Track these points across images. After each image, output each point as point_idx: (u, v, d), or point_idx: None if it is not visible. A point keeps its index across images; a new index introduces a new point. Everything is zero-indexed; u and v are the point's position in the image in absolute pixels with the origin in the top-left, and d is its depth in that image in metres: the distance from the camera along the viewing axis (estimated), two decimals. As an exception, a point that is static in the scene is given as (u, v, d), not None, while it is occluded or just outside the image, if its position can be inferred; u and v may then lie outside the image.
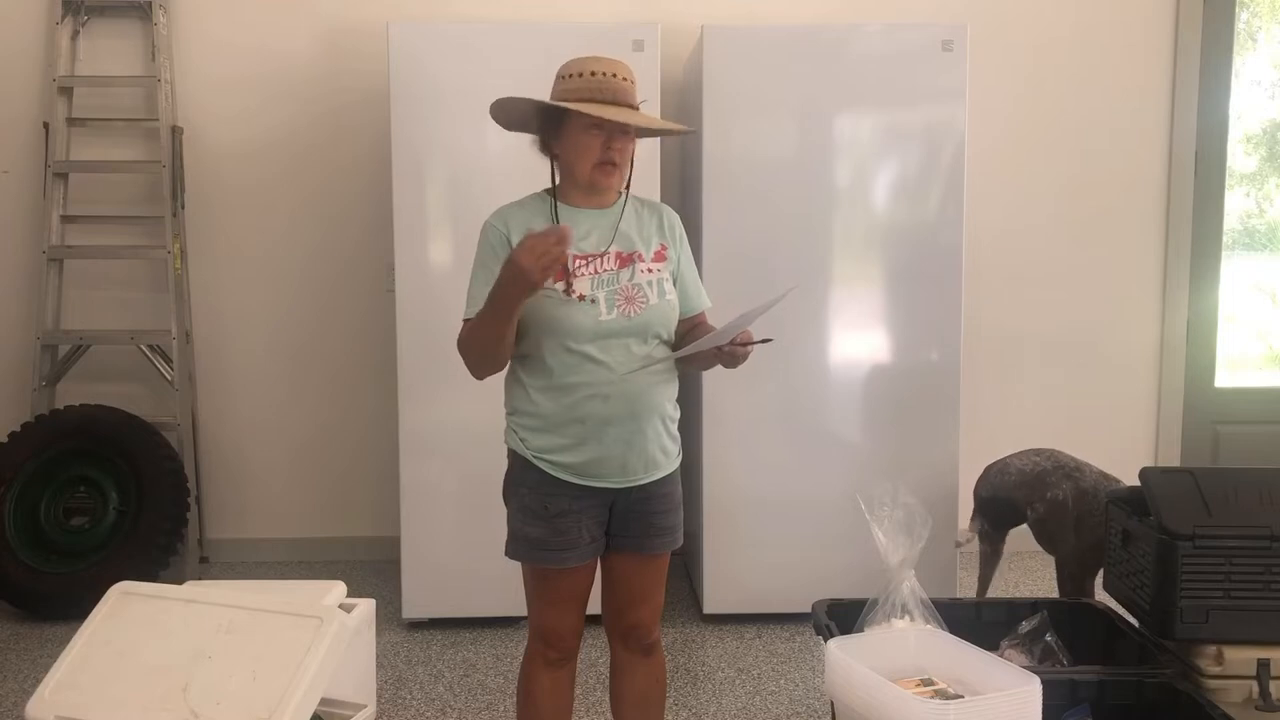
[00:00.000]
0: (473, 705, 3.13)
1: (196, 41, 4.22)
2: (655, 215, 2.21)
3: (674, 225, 2.24)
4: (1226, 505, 2.45)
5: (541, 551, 2.12)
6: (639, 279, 2.10)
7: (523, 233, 2.04)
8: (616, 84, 2.03)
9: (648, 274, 2.12)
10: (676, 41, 3.95)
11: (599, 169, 2.06)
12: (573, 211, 2.11)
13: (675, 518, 2.22)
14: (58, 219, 4.17)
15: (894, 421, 3.66)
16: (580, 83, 2.03)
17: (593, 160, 2.05)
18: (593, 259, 2.08)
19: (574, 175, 2.10)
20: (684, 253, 2.25)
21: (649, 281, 2.11)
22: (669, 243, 2.20)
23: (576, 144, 2.05)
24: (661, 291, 2.12)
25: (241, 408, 4.36)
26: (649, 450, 2.14)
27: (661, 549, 2.22)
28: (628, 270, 2.10)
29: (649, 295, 2.10)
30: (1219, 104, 4.37)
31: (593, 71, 2.03)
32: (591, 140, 2.04)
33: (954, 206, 3.61)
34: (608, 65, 2.04)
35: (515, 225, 2.08)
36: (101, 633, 2.21)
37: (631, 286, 2.08)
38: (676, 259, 2.21)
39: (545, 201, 2.13)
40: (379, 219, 4.11)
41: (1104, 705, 2.29)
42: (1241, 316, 4.62)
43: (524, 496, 2.13)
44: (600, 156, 2.05)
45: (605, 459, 2.10)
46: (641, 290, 2.09)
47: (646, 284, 2.10)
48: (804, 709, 3.09)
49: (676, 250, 2.22)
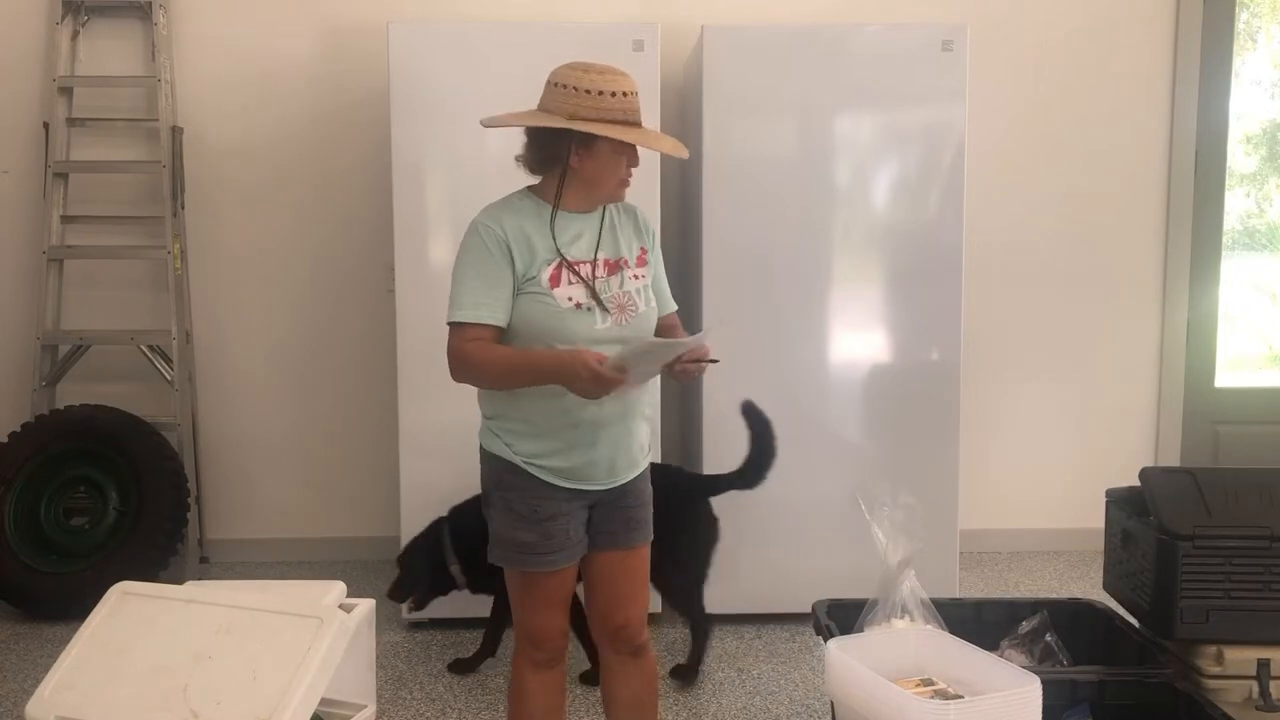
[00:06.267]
0: (473, 705, 3.13)
1: (196, 41, 4.22)
2: (631, 216, 2.25)
3: (649, 225, 2.29)
4: (1226, 505, 2.45)
5: (532, 555, 2.14)
6: (628, 286, 2.15)
7: (519, 236, 2.06)
8: (637, 103, 2.09)
9: (635, 280, 2.17)
10: (676, 41, 3.95)
11: (620, 185, 2.15)
12: (564, 216, 2.13)
13: (649, 511, 2.27)
14: (58, 219, 4.17)
15: (894, 421, 3.66)
16: (613, 103, 2.05)
17: (617, 178, 2.13)
18: (583, 265, 2.10)
19: (594, 190, 2.13)
20: (658, 253, 2.29)
21: (637, 289, 2.16)
22: (648, 245, 2.25)
23: (606, 164, 2.10)
24: (647, 299, 2.18)
25: (241, 408, 4.36)
26: (633, 451, 2.20)
27: (639, 542, 2.25)
28: (617, 277, 2.14)
29: (638, 303, 2.15)
30: (1219, 104, 4.37)
31: (625, 92, 2.06)
32: (619, 161, 2.11)
33: (954, 206, 3.61)
34: (626, 84, 2.07)
35: (510, 228, 2.08)
36: (101, 633, 2.21)
37: (622, 294, 2.13)
38: (655, 261, 2.26)
39: (534, 203, 2.14)
40: (379, 219, 4.11)
41: (1104, 705, 2.29)
42: (1241, 316, 4.62)
43: (511, 501, 2.14)
44: (622, 174, 2.14)
45: (595, 462, 2.13)
46: (631, 298, 2.14)
47: (635, 291, 2.16)
48: (804, 709, 3.09)
49: (654, 252, 2.27)
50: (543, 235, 2.09)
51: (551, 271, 2.07)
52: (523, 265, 2.07)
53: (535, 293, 2.07)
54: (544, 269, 2.07)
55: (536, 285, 2.07)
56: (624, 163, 2.12)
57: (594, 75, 2.05)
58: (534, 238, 2.08)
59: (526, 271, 2.07)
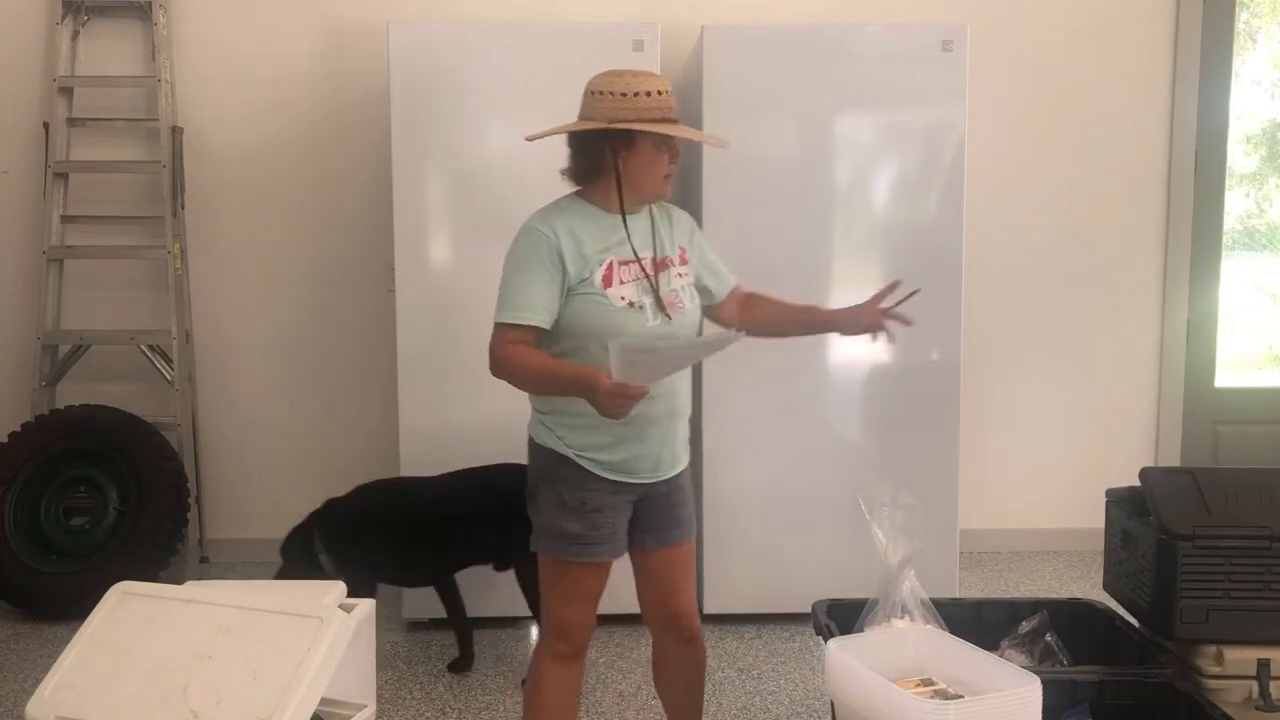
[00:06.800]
0: (473, 705, 3.13)
1: (196, 41, 4.22)
2: (668, 216, 2.31)
3: (685, 223, 2.35)
4: (1226, 505, 2.45)
5: (576, 545, 2.20)
6: (674, 284, 2.23)
7: (569, 239, 2.13)
8: (671, 101, 2.16)
9: (680, 279, 2.25)
10: (676, 41, 3.95)
11: (663, 182, 2.21)
12: (612, 217, 2.20)
13: (691, 509, 2.36)
14: (58, 219, 4.17)
15: (894, 421, 3.66)
16: (649, 102, 2.12)
17: (661, 174, 2.19)
18: (632, 264, 2.17)
19: (639, 189, 2.19)
20: (701, 244, 2.36)
21: (682, 287, 2.25)
22: (687, 245, 2.31)
23: (649, 162, 2.16)
24: (691, 296, 2.28)
25: (241, 408, 4.36)
26: (676, 447, 2.28)
27: (682, 539, 2.34)
28: (664, 275, 2.22)
29: (684, 300, 2.24)
30: (1219, 104, 4.37)
31: (659, 91, 2.13)
32: (660, 157, 2.17)
33: (954, 206, 3.61)
34: (659, 83, 2.14)
35: (561, 231, 2.14)
36: (101, 633, 2.20)
37: (670, 293, 2.21)
38: (696, 259, 2.33)
39: (585, 206, 2.21)
40: (379, 219, 4.11)
41: (1104, 705, 2.29)
42: (1241, 316, 4.62)
43: (560, 492, 2.20)
44: (665, 170, 2.19)
45: (643, 456, 2.20)
46: (678, 295, 2.22)
47: (680, 289, 2.24)
48: (804, 709, 3.09)
49: (694, 250, 2.33)
50: (593, 237, 2.16)
51: (604, 272, 2.14)
52: (574, 267, 2.13)
53: (588, 293, 2.13)
54: (596, 270, 2.14)
55: (589, 286, 2.13)
56: (665, 159, 2.18)
57: (628, 78, 2.13)
58: (585, 240, 2.15)
59: (579, 273, 2.13)
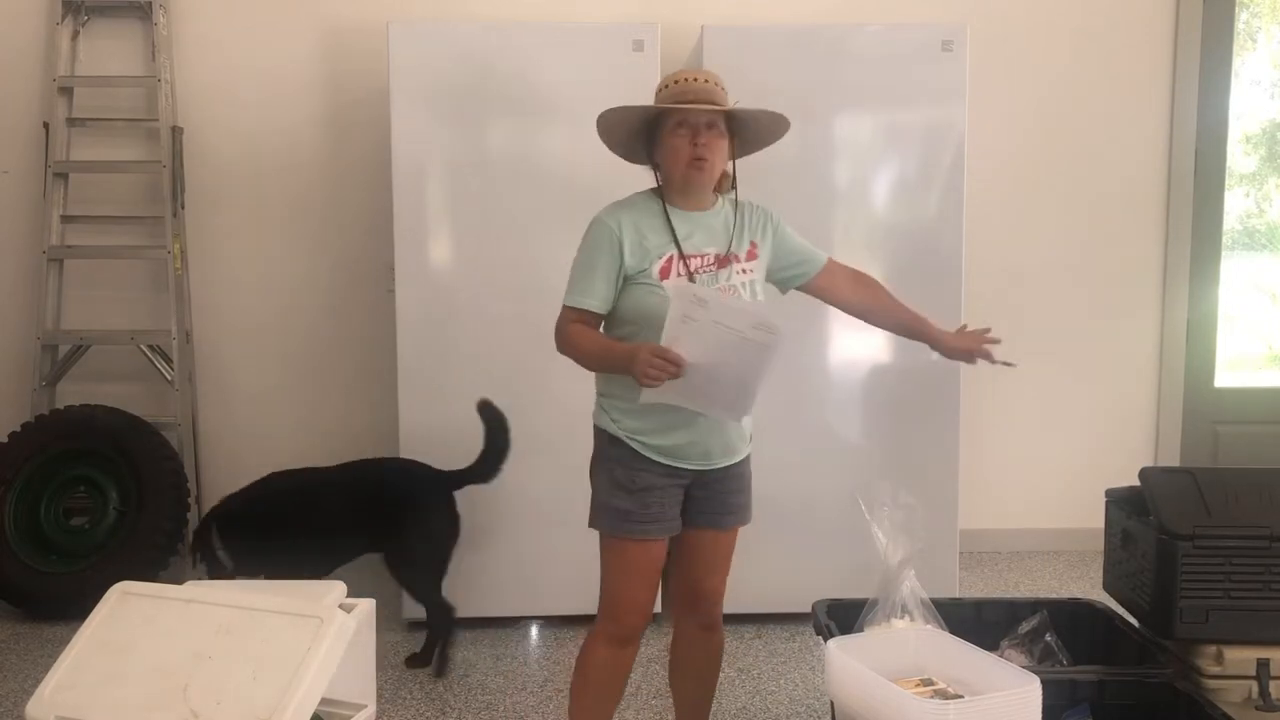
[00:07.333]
0: (472, 705, 3.13)
1: (196, 41, 4.22)
2: (742, 213, 2.34)
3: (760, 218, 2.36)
4: (1226, 505, 2.45)
5: (627, 523, 2.26)
6: (734, 280, 2.26)
7: (632, 232, 2.20)
8: (699, 86, 2.19)
9: (742, 275, 2.27)
10: (676, 41, 3.95)
11: (691, 166, 2.20)
12: (677, 214, 2.25)
13: (747, 496, 2.41)
14: (58, 219, 4.17)
15: (894, 421, 3.66)
16: (675, 88, 2.20)
17: (685, 160, 2.20)
18: (693, 259, 2.22)
19: (671, 178, 2.25)
20: (778, 233, 2.37)
21: (743, 283, 2.27)
22: (759, 240, 2.33)
23: (669, 147, 2.21)
24: (754, 292, 2.29)
25: (241, 407, 4.36)
26: (730, 438, 2.31)
27: (733, 525, 2.40)
28: (725, 271, 2.25)
29: (743, 295, 2.26)
30: (1219, 104, 4.37)
31: (677, 80, 2.21)
32: (681, 141, 2.19)
33: (954, 206, 3.61)
34: (691, 72, 2.22)
35: (625, 225, 2.22)
36: (101, 633, 2.20)
37: (728, 287, 2.24)
38: (768, 252, 2.34)
39: (652, 201, 2.27)
40: (379, 219, 4.11)
41: (1104, 705, 2.29)
42: (1241, 316, 4.62)
43: (613, 470, 2.28)
44: (690, 154, 2.19)
45: (692, 444, 2.25)
46: (736, 291, 2.25)
47: (741, 285, 2.27)
48: (804, 709, 3.09)
49: (765, 244, 2.34)
50: (655, 231, 2.22)
51: (662, 265, 2.21)
52: (634, 259, 2.20)
53: (647, 284, 2.20)
54: (655, 262, 2.20)
55: (648, 277, 2.20)
56: (686, 142, 2.19)
57: (673, 74, 2.23)
58: (648, 234, 2.22)
59: (638, 264, 2.20)
